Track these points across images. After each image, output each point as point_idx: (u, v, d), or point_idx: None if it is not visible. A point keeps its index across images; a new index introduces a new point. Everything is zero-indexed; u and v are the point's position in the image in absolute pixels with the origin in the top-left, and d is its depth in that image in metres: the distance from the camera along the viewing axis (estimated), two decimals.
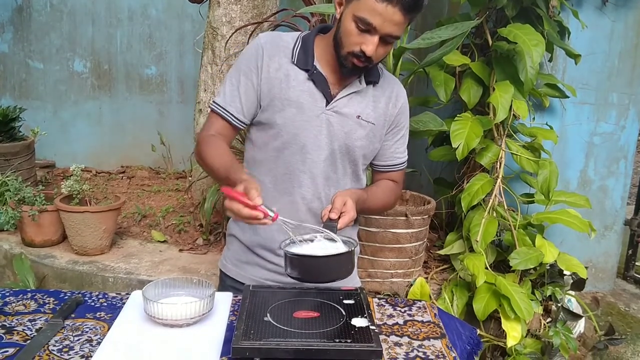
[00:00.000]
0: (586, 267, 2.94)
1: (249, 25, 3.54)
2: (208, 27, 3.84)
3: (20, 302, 1.48)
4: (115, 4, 5.18)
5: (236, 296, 1.52)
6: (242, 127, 1.62)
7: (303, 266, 1.33)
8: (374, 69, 1.60)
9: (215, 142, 1.56)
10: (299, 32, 1.66)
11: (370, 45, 1.42)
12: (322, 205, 1.61)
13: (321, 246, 1.39)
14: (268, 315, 1.30)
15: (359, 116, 1.59)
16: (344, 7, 1.47)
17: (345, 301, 1.40)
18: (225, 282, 1.75)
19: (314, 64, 1.56)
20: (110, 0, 5.17)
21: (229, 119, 1.59)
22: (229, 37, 3.59)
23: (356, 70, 1.51)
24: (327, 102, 1.56)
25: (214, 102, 1.63)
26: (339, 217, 1.47)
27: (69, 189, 3.18)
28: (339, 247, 1.38)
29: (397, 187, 1.78)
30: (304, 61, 1.56)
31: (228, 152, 1.55)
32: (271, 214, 1.32)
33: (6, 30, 5.04)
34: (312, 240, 1.42)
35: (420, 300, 1.66)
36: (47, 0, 5.07)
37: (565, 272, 2.92)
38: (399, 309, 1.58)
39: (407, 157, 1.77)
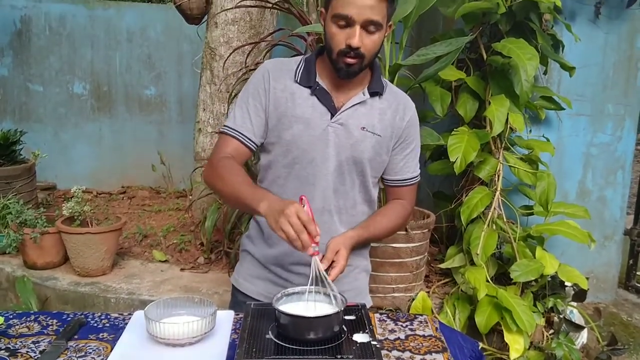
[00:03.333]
0: (587, 278, 2.94)
1: (247, 46, 3.58)
2: (206, 47, 3.88)
3: (24, 324, 1.49)
4: (114, 26, 5.24)
5: (238, 314, 1.52)
6: (254, 148, 1.64)
7: (291, 324, 1.32)
8: (376, 80, 1.63)
9: (231, 166, 1.56)
10: (302, 55, 1.71)
11: (353, 37, 1.46)
12: (332, 217, 1.63)
13: (310, 300, 1.41)
14: (270, 332, 1.31)
15: (363, 127, 1.60)
16: (325, 16, 1.54)
17: (347, 317, 1.41)
18: (237, 297, 1.76)
19: (316, 80, 1.60)
20: (109, 23, 5.23)
21: (242, 139, 1.61)
22: (227, 57, 3.63)
23: (351, 69, 1.53)
24: (332, 115, 1.59)
25: (225, 125, 1.65)
26: (330, 267, 1.48)
27: (71, 210, 3.20)
28: (327, 305, 1.39)
29: (405, 207, 1.76)
30: (307, 79, 1.60)
31: (246, 175, 1.55)
32: (315, 248, 1.36)
33: (6, 54, 5.09)
34: (303, 293, 1.42)
35: (421, 315, 1.67)
36: (46, 24, 5.12)
37: (566, 284, 2.93)
38: (400, 323, 1.59)
39: (418, 172, 1.76)
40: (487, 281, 2.84)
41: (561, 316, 2.85)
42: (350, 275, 1.69)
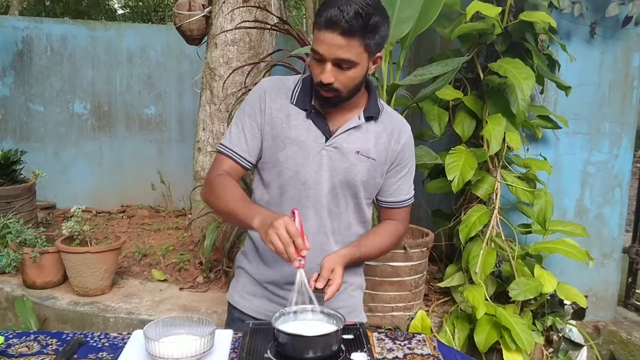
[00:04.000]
0: (586, 296, 2.94)
1: (246, 66, 3.62)
2: (206, 67, 3.92)
3: (24, 343, 1.49)
4: (114, 47, 5.30)
5: (237, 333, 1.53)
6: (248, 167, 1.67)
7: (289, 343, 1.33)
8: (372, 104, 1.65)
9: (226, 183, 1.59)
10: (301, 75, 1.72)
11: (323, 73, 1.48)
12: (327, 238, 1.64)
13: (307, 319, 1.42)
14: (268, 352, 1.31)
15: (358, 152, 1.62)
16: None
17: (345, 336, 1.41)
18: (233, 315, 1.76)
19: (312, 103, 1.62)
20: (110, 43, 5.29)
21: (236, 158, 1.64)
22: (227, 78, 3.67)
23: (328, 101, 1.56)
24: (327, 139, 1.61)
25: (220, 144, 1.68)
26: (326, 286, 1.49)
27: (70, 230, 3.21)
28: (325, 323, 1.41)
29: (399, 227, 1.77)
30: (303, 101, 1.62)
31: (241, 192, 1.58)
32: (302, 262, 1.38)
33: (7, 75, 5.14)
34: (301, 312, 1.44)
35: (419, 334, 1.67)
36: (48, 45, 5.18)
37: (565, 302, 2.93)
38: (398, 342, 1.59)
39: (412, 193, 1.77)
40: (486, 300, 2.84)
41: (560, 334, 2.85)
42: (345, 292, 1.70)
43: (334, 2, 1.42)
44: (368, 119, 1.64)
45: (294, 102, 1.62)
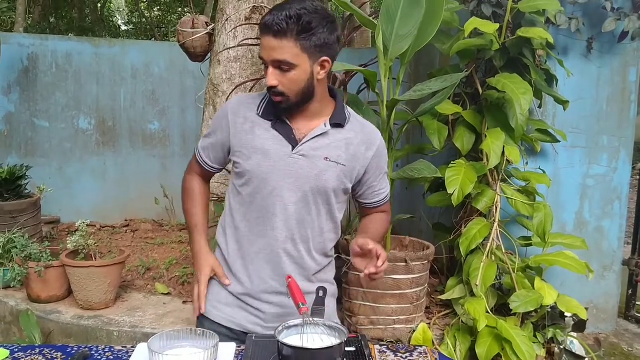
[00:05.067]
0: (587, 308, 2.96)
1: (249, 82, 3.66)
2: (209, 83, 3.97)
3: (29, 357, 1.52)
4: (119, 63, 5.36)
5: (239, 346, 1.55)
6: (214, 172, 1.82)
7: (293, 356, 1.36)
8: (338, 111, 1.69)
9: (193, 191, 1.85)
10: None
11: (267, 76, 1.56)
12: (296, 247, 1.68)
13: (310, 332, 1.44)
14: None
15: (327, 158, 1.65)
16: None
17: (347, 348, 1.43)
18: (204, 325, 1.76)
19: (277, 113, 1.67)
20: (114, 60, 5.36)
21: (203, 165, 1.80)
22: (230, 94, 3.71)
23: (280, 106, 1.61)
24: (294, 147, 1.64)
25: (196, 147, 1.83)
26: (323, 303, 1.52)
27: (75, 244, 3.24)
28: (328, 336, 1.43)
29: (388, 216, 1.90)
30: (268, 112, 1.67)
31: (200, 208, 1.85)
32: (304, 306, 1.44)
33: (13, 91, 5.20)
34: (303, 325, 1.45)
35: (421, 346, 1.69)
36: (53, 61, 5.24)
37: (566, 314, 2.94)
38: (400, 355, 1.61)
39: (389, 187, 1.86)
40: (487, 312, 2.85)
41: (561, 347, 2.86)
42: None
43: (272, 9, 1.53)
44: (335, 125, 1.67)
45: (260, 114, 1.67)
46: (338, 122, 1.68)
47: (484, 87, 3.18)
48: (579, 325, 2.93)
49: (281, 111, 1.63)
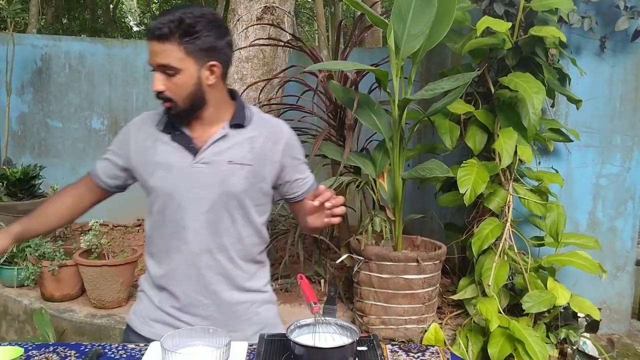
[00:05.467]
0: (600, 309, 2.94)
1: (260, 82, 3.68)
2: None
3: (43, 355, 1.52)
4: (131, 64, 5.39)
5: (252, 345, 1.56)
6: (102, 186, 1.78)
7: (305, 355, 1.36)
8: (237, 113, 1.64)
9: (53, 196, 1.86)
10: None
11: (153, 82, 1.54)
12: (214, 257, 1.62)
13: (322, 331, 1.43)
14: None
15: (230, 161, 1.60)
16: None
17: (359, 348, 1.43)
18: (130, 337, 1.75)
19: (176, 125, 1.63)
20: (127, 60, 5.39)
21: (94, 177, 1.78)
22: (241, 94, 3.72)
23: (170, 112, 1.58)
24: (194, 156, 1.60)
25: (97, 161, 1.79)
26: (335, 303, 1.51)
27: (88, 243, 3.27)
28: (340, 335, 1.42)
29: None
30: (168, 125, 1.63)
31: (47, 205, 1.80)
32: (316, 305, 1.43)
33: (26, 92, 5.25)
34: (314, 324, 1.45)
35: (433, 346, 1.68)
36: (66, 62, 5.28)
37: (579, 315, 2.92)
38: (412, 354, 1.61)
39: (312, 174, 1.77)
40: (500, 312, 2.84)
41: (574, 347, 2.84)
42: (249, 311, 1.68)
43: (158, 14, 1.52)
44: (235, 126, 1.62)
45: (161, 128, 1.63)
46: (238, 123, 1.63)
47: (496, 86, 3.16)
48: (592, 326, 2.91)
49: (174, 119, 1.60)
